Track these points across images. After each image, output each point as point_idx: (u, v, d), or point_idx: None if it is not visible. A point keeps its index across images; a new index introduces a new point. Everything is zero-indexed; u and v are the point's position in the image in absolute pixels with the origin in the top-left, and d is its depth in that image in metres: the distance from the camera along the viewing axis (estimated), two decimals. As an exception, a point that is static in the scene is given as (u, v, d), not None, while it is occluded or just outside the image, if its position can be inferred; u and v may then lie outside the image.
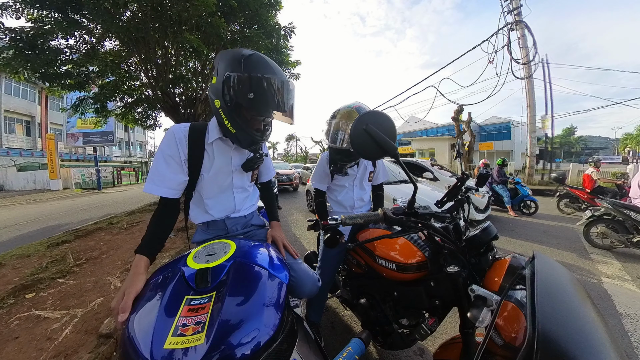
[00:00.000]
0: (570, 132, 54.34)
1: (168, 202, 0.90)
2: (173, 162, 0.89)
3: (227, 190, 1.03)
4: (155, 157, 0.92)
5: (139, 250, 0.81)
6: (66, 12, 4.24)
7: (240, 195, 1.07)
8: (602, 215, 3.42)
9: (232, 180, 1.02)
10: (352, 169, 1.49)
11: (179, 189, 0.92)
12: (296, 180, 10.72)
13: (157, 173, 0.88)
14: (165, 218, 0.90)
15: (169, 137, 0.91)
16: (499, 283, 0.75)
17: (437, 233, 0.84)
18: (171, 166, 0.89)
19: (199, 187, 0.99)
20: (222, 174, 0.99)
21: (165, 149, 0.89)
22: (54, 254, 3.15)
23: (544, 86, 10.97)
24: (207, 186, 0.99)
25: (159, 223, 0.89)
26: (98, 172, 14.36)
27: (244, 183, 1.07)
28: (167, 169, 0.88)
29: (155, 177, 0.88)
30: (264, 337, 0.57)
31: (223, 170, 0.99)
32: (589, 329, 0.51)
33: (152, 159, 0.95)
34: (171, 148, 0.89)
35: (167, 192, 0.88)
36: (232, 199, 1.04)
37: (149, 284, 0.70)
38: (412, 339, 1.14)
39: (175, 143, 0.89)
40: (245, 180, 1.07)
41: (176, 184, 0.90)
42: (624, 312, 2.01)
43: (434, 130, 28.97)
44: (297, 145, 46.08)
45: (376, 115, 0.74)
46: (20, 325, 1.77)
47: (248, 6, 4.89)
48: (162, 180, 0.88)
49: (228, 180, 1.02)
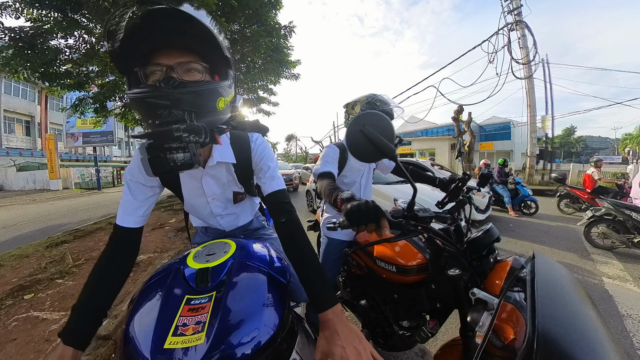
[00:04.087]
0: (570, 132, 54.43)
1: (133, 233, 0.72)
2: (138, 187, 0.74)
3: (209, 218, 0.91)
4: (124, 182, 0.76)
5: (66, 337, 0.58)
6: (66, 11, 4.24)
7: (227, 219, 0.94)
8: (602, 216, 3.42)
9: (211, 210, 0.87)
10: (360, 163, 1.45)
11: (145, 216, 0.76)
12: (296, 180, 10.75)
13: (126, 200, 0.73)
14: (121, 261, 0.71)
15: (134, 159, 0.75)
16: (500, 286, 0.74)
17: (437, 236, 0.83)
18: (137, 192, 0.74)
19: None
20: (198, 203, 0.85)
21: (130, 173, 0.74)
22: (53, 255, 3.14)
23: (544, 86, 10.99)
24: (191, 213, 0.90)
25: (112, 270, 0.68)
26: (98, 172, 14.35)
27: (226, 209, 0.90)
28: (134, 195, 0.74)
29: (125, 204, 0.73)
30: (264, 337, 0.56)
31: (198, 200, 0.84)
32: (589, 329, 0.51)
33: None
34: (135, 173, 0.73)
35: (135, 220, 0.73)
36: (218, 224, 0.94)
37: (149, 284, 0.70)
38: (413, 341, 1.13)
39: (139, 167, 0.71)
40: (227, 206, 0.90)
41: (142, 211, 0.75)
42: (625, 312, 2.01)
43: (434, 130, 29.00)
44: (297, 145, 46.15)
45: (374, 116, 0.72)
46: (19, 327, 1.76)
47: (248, 6, 4.89)
48: (130, 209, 0.72)
49: (207, 210, 0.88)
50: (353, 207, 0.65)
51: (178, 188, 0.82)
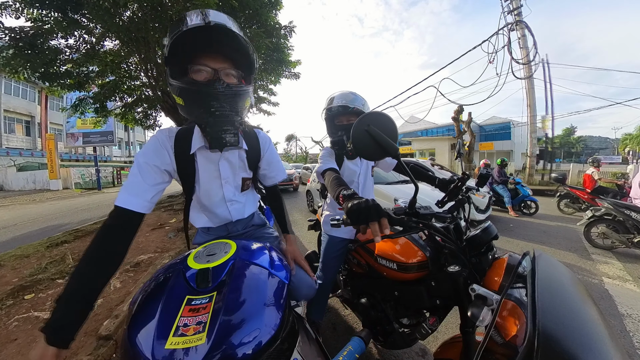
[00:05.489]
0: (570, 132, 54.44)
1: (134, 218, 0.72)
2: (152, 170, 0.77)
3: (220, 204, 0.96)
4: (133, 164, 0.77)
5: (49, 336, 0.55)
6: (66, 11, 4.24)
7: (235, 207, 0.99)
8: (602, 216, 3.42)
9: (224, 194, 0.94)
10: (355, 162, 1.46)
11: (153, 203, 0.77)
12: (296, 180, 10.75)
13: (135, 182, 0.73)
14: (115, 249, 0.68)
15: (151, 142, 0.80)
16: (499, 282, 0.75)
17: (438, 233, 0.84)
18: (149, 175, 0.76)
19: (195, 197, 0.93)
20: (212, 187, 0.91)
21: (145, 155, 0.77)
22: (54, 255, 3.15)
23: (544, 86, 10.99)
24: (201, 198, 0.93)
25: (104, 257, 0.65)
26: (98, 172, 14.35)
27: (235, 195, 0.97)
28: (145, 177, 0.75)
29: (132, 186, 0.73)
30: (265, 337, 0.56)
31: (212, 183, 0.91)
32: (590, 327, 0.51)
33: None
34: (152, 155, 0.78)
35: (142, 205, 0.73)
36: (227, 212, 0.98)
37: (150, 284, 0.70)
38: (413, 339, 1.14)
39: (157, 149, 0.79)
40: (236, 192, 0.97)
41: (151, 195, 0.75)
42: (625, 312, 2.01)
43: (434, 130, 28.99)
44: (297, 145, 46.16)
45: (378, 116, 0.75)
46: (19, 327, 1.76)
47: (248, 6, 4.89)
48: (139, 191, 0.73)
49: (219, 194, 0.93)
50: (354, 205, 0.66)
51: (192, 175, 0.86)
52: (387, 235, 0.72)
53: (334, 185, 0.96)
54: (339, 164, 1.36)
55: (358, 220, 0.64)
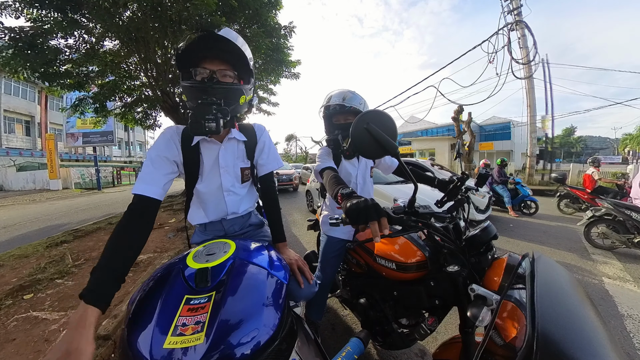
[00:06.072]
0: (570, 132, 54.48)
1: (151, 204, 0.79)
2: (163, 161, 0.86)
3: (217, 192, 1.00)
4: (146, 158, 0.88)
5: (88, 296, 0.60)
6: (66, 11, 4.24)
7: (232, 198, 1.02)
8: (602, 216, 3.42)
9: (221, 182, 0.98)
10: (353, 162, 1.47)
11: (165, 190, 0.85)
12: (296, 180, 10.74)
13: (148, 172, 0.83)
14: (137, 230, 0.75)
15: (161, 137, 0.91)
16: (499, 282, 0.75)
17: (437, 232, 0.84)
18: (161, 166, 0.85)
19: (195, 190, 0.98)
20: (211, 176, 0.97)
21: (156, 149, 0.87)
22: (53, 255, 3.14)
23: (544, 86, 11.00)
24: (201, 189, 0.97)
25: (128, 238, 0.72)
26: (98, 172, 14.35)
27: (233, 186, 1.01)
28: (157, 168, 0.84)
29: (146, 176, 0.81)
30: (263, 337, 0.56)
31: (212, 171, 0.97)
32: (589, 329, 0.51)
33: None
34: (162, 148, 0.87)
35: (156, 192, 0.80)
36: (223, 202, 1.01)
37: (149, 283, 0.69)
38: (412, 339, 1.13)
39: (167, 143, 0.88)
40: (235, 183, 1.01)
41: (163, 183, 0.84)
42: (625, 313, 2.01)
43: (434, 130, 29.01)
44: (297, 145, 46.17)
45: (377, 114, 0.74)
46: (18, 327, 1.76)
47: (248, 6, 4.89)
48: (153, 180, 0.81)
49: (217, 182, 0.98)
50: (353, 205, 0.65)
51: (197, 164, 0.95)
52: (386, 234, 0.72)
53: (332, 184, 0.96)
54: (336, 163, 1.35)
55: (358, 220, 0.63)
